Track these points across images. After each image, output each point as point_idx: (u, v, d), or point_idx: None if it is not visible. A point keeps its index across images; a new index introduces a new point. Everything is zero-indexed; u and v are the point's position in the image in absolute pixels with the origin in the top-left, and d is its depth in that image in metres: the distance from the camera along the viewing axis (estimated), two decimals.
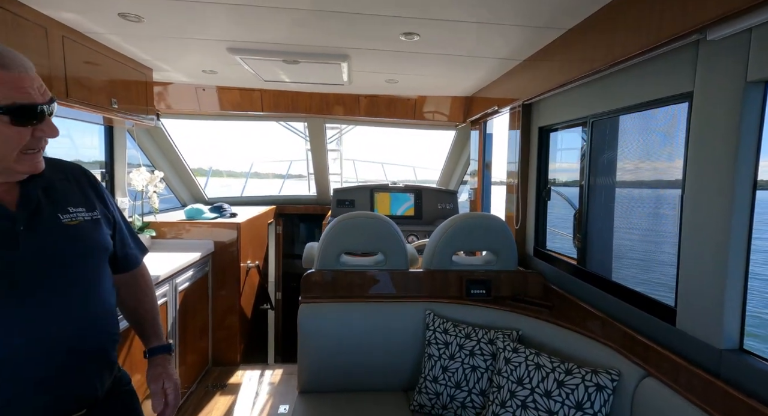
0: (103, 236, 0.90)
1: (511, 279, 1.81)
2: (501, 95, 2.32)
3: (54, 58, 1.54)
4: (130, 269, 1.04)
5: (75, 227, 0.83)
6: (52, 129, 0.75)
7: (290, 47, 1.88)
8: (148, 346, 1.05)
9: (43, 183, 0.82)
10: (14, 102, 0.69)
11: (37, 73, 0.76)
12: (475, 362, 1.48)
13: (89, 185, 0.93)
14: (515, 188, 2.15)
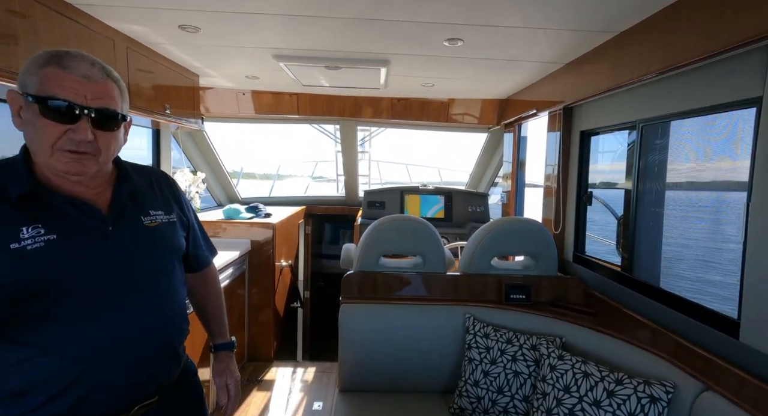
0: (177, 237, 0.95)
1: (551, 285, 1.79)
2: (540, 98, 2.29)
3: (119, 68, 1.65)
4: (200, 269, 1.10)
5: (154, 228, 0.89)
6: (82, 131, 0.73)
7: (333, 54, 1.93)
8: (213, 342, 1.12)
9: (131, 187, 0.88)
10: (48, 94, 0.71)
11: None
12: (518, 367, 1.47)
13: (168, 190, 1.00)
14: (553, 192, 2.12)
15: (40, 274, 0.73)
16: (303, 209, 3.73)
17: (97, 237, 0.79)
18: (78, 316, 0.76)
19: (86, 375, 0.78)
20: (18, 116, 0.75)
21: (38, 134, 0.73)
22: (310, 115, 3.05)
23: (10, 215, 0.73)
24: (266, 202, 3.59)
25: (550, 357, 1.37)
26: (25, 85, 0.73)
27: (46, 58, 0.74)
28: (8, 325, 0.73)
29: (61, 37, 1.35)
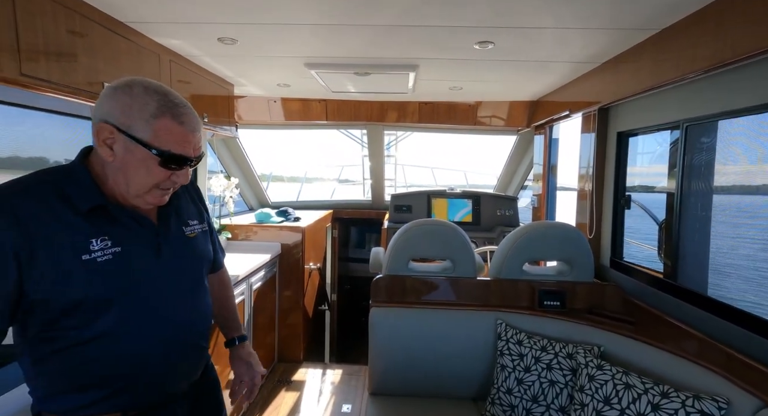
0: (208, 245, 1.04)
1: (587, 291, 1.73)
2: (573, 99, 2.23)
3: (163, 80, 1.74)
4: (217, 271, 1.16)
5: (193, 239, 0.97)
6: (185, 177, 0.84)
7: (363, 60, 1.96)
8: (230, 336, 1.17)
9: (175, 201, 0.94)
10: (170, 150, 0.78)
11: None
12: (553, 376, 1.43)
13: (197, 198, 1.06)
14: (588, 195, 2.06)
15: (108, 284, 0.79)
16: (330, 213, 3.78)
17: (151, 248, 0.86)
18: (138, 318, 0.83)
19: (143, 370, 0.85)
20: (107, 147, 0.77)
21: (144, 176, 0.79)
22: (338, 120, 3.11)
23: (81, 227, 0.78)
24: (294, 206, 3.68)
25: (588, 367, 1.33)
26: (130, 127, 0.76)
27: (157, 107, 0.77)
28: (77, 327, 0.79)
29: (114, 54, 1.45)
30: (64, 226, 0.76)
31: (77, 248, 0.76)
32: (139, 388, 0.86)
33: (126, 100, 0.76)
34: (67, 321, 0.78)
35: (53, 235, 0.75)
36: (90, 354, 0.80)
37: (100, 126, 0.76)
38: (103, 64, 1.38)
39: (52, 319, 0.77)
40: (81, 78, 1.27)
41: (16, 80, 1.05)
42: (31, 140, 1.66)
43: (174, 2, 1.31)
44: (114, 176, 0.80)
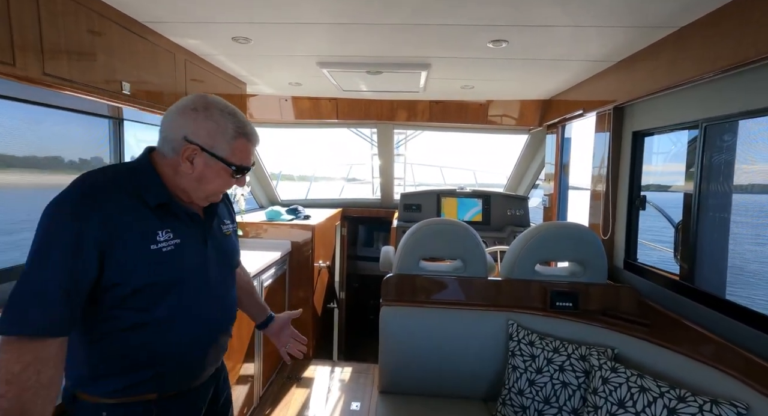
0: (237, 243, 1.14)
1: (600, 293, 1.71)
2: (587, 98, 2.20)
3: (179, 79, 1.77)
4: (238, 265, 1.23)
5: (228, 236, 1.07)
6: (244, 182, 0.97)
7: (375, 59, 1.96)
8: (262, 318, 1.31)
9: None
10: (241, 163, 0.92)
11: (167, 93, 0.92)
12: (566, 378, 1.42)
13: (228, 201, 1.16)
14: (602, 195, 2.03)
15: (169, 272, 0.88)
16: (339, 211, 3.80)
17: (200, 241, 0.96)
18: (189, 305, 0.92)
19: (187, 354, 0.94)
20: (188, 162, 0.88)
21: (218, 184, 0.92)
22: (349, 119, 3.11)
23: (150, 219, 0.86)
24: (304, 204, 3.70)
25: (601, 369, 1.31)
26: (213, 147, 0.88)
27: (234, 130, 0.90)
28: (138, 310, 0.86)
29: (131, 53, 1.47)
30: (137, 218, 0.84)
31: (147, 239, 0.85)
32: (179, 371, 0.94)
33: (210, 124, 0.88)
34: (132, 303, 0.85)
35: (129, 227, 0.83)
36: (143, 336, 0.87)
37: (186, 146, 0.87)
38: (121, 64, 1.40)
39: (118, 302, 0.84)
40: (100, 77, 1.30)
41: (41, 80, 1.07)
42: (50, 138, 1.69)
43: (189, 2, 1.33)
44: (187, 183, 0.90)
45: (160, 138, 0.90)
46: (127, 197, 0.84)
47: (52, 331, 0.76)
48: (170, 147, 0.88)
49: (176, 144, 0.87)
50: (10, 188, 1.58)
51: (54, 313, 0.76)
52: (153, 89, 1.60)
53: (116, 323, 0.85)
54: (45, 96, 1.39)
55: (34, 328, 0.74)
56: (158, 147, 0.91)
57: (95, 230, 0.78)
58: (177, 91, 1.78)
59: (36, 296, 0.75)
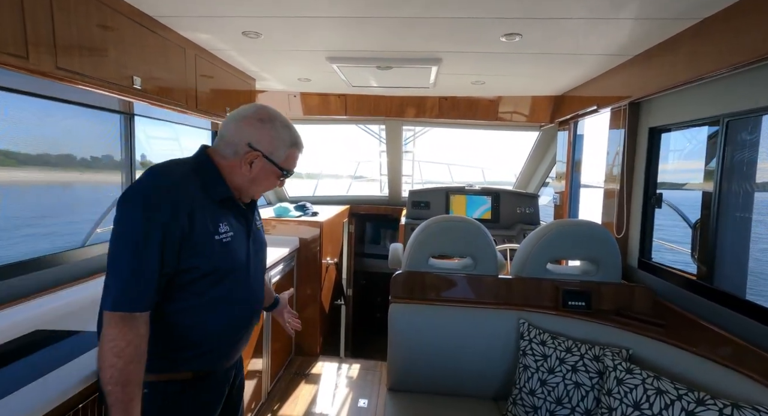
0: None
1: (614, 292, 1.68)
2: (601, 93, 2.16)
3: (189, 74, 1.77)
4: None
5: (260, 231, 1.18)
6: (283, 184, 1.11)
7: (385, 54, 1.94)
8: (272, 300, 1.47)
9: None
10: (290, 169, 1.07)
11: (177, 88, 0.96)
12: (579, 378, 1.39)
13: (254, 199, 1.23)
14: (616, 193, 1.99)
15: (227, 261, 0.98)
16: (347, 208, 3.79)
17: (245, 234, 1.06)
18: (238, 290, 1.02)
19: (231, 335, 1.04)
20: (248, 164, 1.00)
21: (267, 185, 1.07)
22: (357, 115, 3.10)
23: (214, 212, 0.96)
24: (311, 201, 3.69)
25: (616, 370, 1.29)
26: (272, 153, 1.02)
27: (290, 140, 1.05)
28: (195, 293, 0.95)
29: (143, 47, 1.47)
30: (206, 210, 0.94)
31: (213, 229, 0.95)
32: (218, 351, 1.03)
33: (273, 133, 1.01)
34: (193, 288, 0.94)
35: (201, 217, 0.92)
36: (194, 317, 0.96)
37: (249, 151, 0.99)
38: (132, 58, 1.40)
39: (183, 286, 0.93)
40: (111, 71, 1.30)
41: (53, 74, 1.07)
42: (61, 135, 1.70)
43: None
44: (242, 181, 1.02)
45: (219, 140, 1.01)
46: (197, 190, 0.94)
47: (149, 308, 0.87)
48: (232, 150, 0.99)
49: (240, 148, 0.99)
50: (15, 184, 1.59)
51: (150, 292, 0.86)
52: (164, 84, 1.59)
53: (174, 305, 0.93)
54: (55, 90, 1.39)
55: (138, 306, 0.84)
56: (217, 148, 1.01)
57: (178, 219, 0.87)
58: (188, 86, 1.78)
59: (138, 277, 0.84)
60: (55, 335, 1.25)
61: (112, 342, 0.82)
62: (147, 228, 0.84)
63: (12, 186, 1.61)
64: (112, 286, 0.85)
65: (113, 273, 0.85)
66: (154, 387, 0.94)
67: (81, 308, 1.47)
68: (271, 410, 2.31)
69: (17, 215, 1.74)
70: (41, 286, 1.43)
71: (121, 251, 0.85)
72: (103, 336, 0.83)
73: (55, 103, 1.49)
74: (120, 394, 0.81)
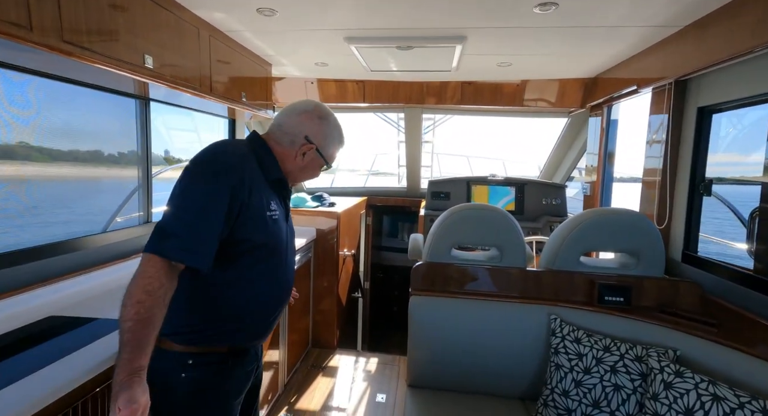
0: None
1: (656, 287, 1.53)
2: (641, 72, 1.98)
3: (203, 58, 1.71)
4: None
5: (289, 214, 1.20)
6: (318, 175, 1.19)
7: (405, 32, 1.83)
8: None
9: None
10: (332, 162, 1.16)
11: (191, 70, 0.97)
12: (619, 380, 1.27)
13: None
14: (657, 182, 1.83)
15: (275, 237, 1.03)
16: (365, 200, 3.71)
17: (285, 217, 1.11)
18: (278, 267, 1.06)
19: (269, 309, 1.07)
20: (302, 155, 1.09)
21: (312, 173, 1.15)
22: (375, 102, 2.99)
23: (267, 190, 1.02)
24: (329, 192, 3.63)
25: (663, 372, 1.16)
26: (323, 147, 1.11)
27: (338, 138, 1.15)
28: (244, 267, 0.98)
29: (155, 26, 1.41)
30: (261, 187, 1.00)
31: (265, 206, 1.00)
32: (255, 326, 1.05)
33: (328, 130, 1.11)
34: (243, 260, 0.98)
35: (258, 192, 0.97)
36: (238, 291, 0.99)
37: (306, 144, 1.08)
38: (143, 36, 1.35)
39: (234, 257, 0.96)
40: (121, 48, 1.24)
41: (59, 47, 1.02)
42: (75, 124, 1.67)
43: None
44: (291, 168, 1.10)
45: (277, 129, 1.08)
46: (256, 167, 1.00)
47: (202, 263, 0.88)
48: (290, 140, 1.07)
49: (297, 139, 1.07)
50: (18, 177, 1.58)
51: (206, 250, 0.88)
52: (177, 65, 1.54)
53: (222, 275, 0.96)
54: (68, 71, 1.35)
55: (189, 258, 0.86)
56: (272, 135, 1.08)
57: (243, 187, 0.92)
58: (201, 68, 1.72)
59: (198, 232, 0.87)
60: (68, 322, 1.22)
61: (148, 279, 0.83)
62: (216, 189, 0.89)
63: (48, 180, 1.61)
64: (169, 233, 0.86)
65: (174, 222, 0.87)
66: (198, 358, 0.97)
67: (96, 296, 1.45)
68: (287, 402, 2.27)
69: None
70: (59, 271, 1.41)
71: (188, 204, 0.89)
72: (139, 272, 0.84)
73: (64, 89, 1.45)
74: (139, 333, 0.80)
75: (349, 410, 2.24)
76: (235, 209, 0.92)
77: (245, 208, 0.93)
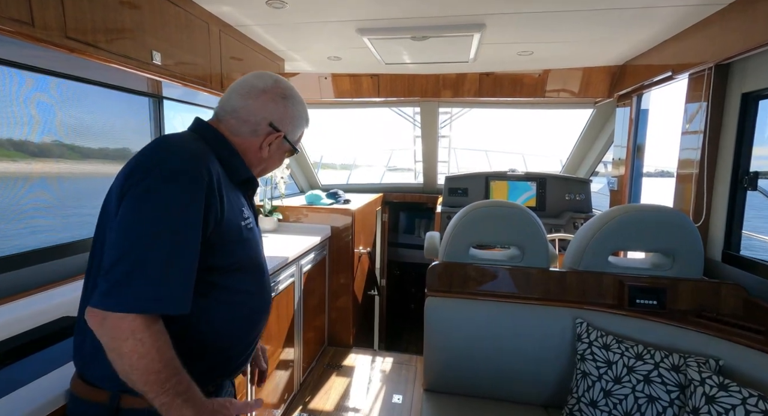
0: None
1: (694, 290, 1.42)
2: (677, 57, 1.84)
3: (213, 54, 1.68)
4: None
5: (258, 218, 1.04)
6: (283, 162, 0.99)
7: (420, 21, 1.75)
8: None
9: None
10: (297, 147, 0.96)
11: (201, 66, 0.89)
12: (654, 391, 1.17)
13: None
14: (694, 176, 1.69)
15: (252, 249, 0.86)
16: (380, 197, 3.65)
17: (255, 222, 0.92)
18: (258, 284, 0.89)
19: (251, 332, 0.89)
20: (268, 146, 0.89)
21: (278, 163, 0.96)
22: (390, 96, 2.92)
23: (236, 195, 0.85)
24: (344, 189, 3.59)
25: (704, 384, 1.06)
26: (291, 133, 0.92)
27: (305, 118, 0.95)
28: (224, 288, 0.80)
29: (162, 22, 1.38)
30: (229, 192, 0.81)
31: (238, 214, 0.82)
32: (241, 356, 0.88)
33: (294, 111, 0.91)
34: (225, 280, 0.80)
35: (227, 200, 0.78)
36: (224, 315, 0.81)
37: (271, 132, 0.88)
38: (151, 32, 1.32)
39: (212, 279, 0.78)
40: (128, 44, 1.22)
41: (63, 44, 1.00)
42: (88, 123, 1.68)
43: None
44: (254, 160, 0.90)
45: (229, 115, 0.86)
46: (220, 171, 0.79)
47: (185, 307, 0.69)
48: (250, 129, 0.86)
49: (259, 128, 0.87)
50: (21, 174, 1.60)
51: (188, 289, 0.69)
52: (187, 61, 1.51)
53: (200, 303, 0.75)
54: (78, 69, 1.34)
55: (172, 304, 0.67)
56: (224, 123, 0.86)
57: (212, 200, 0.73)
58: (212, 65, 1.69)
59: (175, 268, 0.67)
60: None
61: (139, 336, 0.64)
62: (185, 203, 0.68)
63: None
64: (138, 278, 0.65)
65: (141, 260, 0.65)
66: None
67: None
68: (303, 402, 2.26)
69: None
70: (77, 270, 1.42)
71: (151, 231, 0.66)
72: (114, 339, 0.64)
73: (74, 88, 1.45)
74: (180, 385, 0.67)
75: (365, 411, 2.20)
76: (210, 227, 0.73)
77: (219, 222, 0.75)
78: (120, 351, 0.64)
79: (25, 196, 1.49)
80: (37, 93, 1.40)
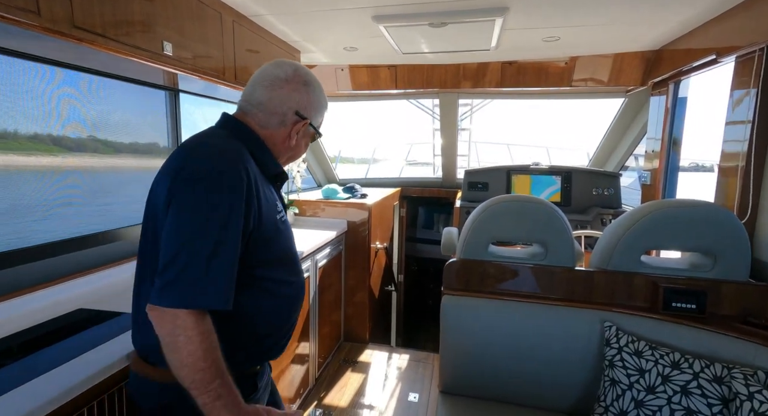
0: None
1: (739, 294, 1.29)
2: (720, 40, 1.68)
3: (227, 45, 1.65)
4: None
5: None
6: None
7: (438, 6, 1.66)
8: None
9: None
10: (319, 131, 0.98)
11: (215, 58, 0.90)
12: (693, 404, 1.07)
13: None
14: (739, 169, 1.54)
15: (288, 241, 0.90)
16: (398, 191, 3.59)
17: (285, 213, 0.94)
18: (295, 271, 0.94)
19: (291, 320, 0.94)
20: (296, 134, 0.92)
21: (303, 149, 0.98)
22: (409, 88, 2.84)
23: (270, 190, 0.87)
24: (362, 183, 3.55)
25: (752, 399, 0.96)
26: (315, 118, 0.95)
27: (326, 103, 0.98)
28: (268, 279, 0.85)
29: (174, 12, 1.36)
30: (264, 187, 0.84)
31: (274, 208, 0.86)
32: (285, 339, 0.94)
33: (315, 96, 0.93)
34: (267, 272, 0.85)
35: (263, 197, 0.82)
36: (266, 304, 0.86)
37: (298, 120, 0.90)
38: (162, 24, 1.30)
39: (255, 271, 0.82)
40: (138, 34, 1.20)
41: (70, 34, 0.99)
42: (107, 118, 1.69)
43: None
44: (282, 150, 0.92)
45: (255, 108, 0.88)
46: (254, 167, 0.82)
47: (228, 303, 0.74)
48: (278, 120, 0.88)
49: (287, 118, 0.89)
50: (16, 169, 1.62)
51: (231, 285, 0.74)
52: (199, 53, 1.49)
53: (246, 295, 0.81)
54: (93, 62, 1.34)
55: (218, 300, 0.72)
56: (252, 116, 0.88)
57: (253, 196, 0.77)
58: (225, 56, 1.67)
59: (220, 266, 0.72)
60: (97, 315, 1.22)
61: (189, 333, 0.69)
62: (230, 209, 0.73)
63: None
64: (180, 278, 0.70)
65: (186, 264, 0.70)
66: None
67: (127, 288, 1.46)
68: (318, 397, 2.25)
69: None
70: (94, 263, 1.44)
71: (197, 237, 0.71)
72: (169, 334, 0.69)
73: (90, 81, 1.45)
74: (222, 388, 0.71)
75: (380, 408, 2.17)
76: (250, 226, 0.77)
77: (258, 217, 0.79)
78: (173, 346, 0.70)
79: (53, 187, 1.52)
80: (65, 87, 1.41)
